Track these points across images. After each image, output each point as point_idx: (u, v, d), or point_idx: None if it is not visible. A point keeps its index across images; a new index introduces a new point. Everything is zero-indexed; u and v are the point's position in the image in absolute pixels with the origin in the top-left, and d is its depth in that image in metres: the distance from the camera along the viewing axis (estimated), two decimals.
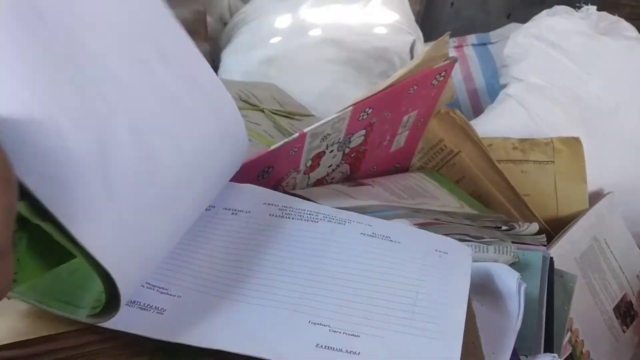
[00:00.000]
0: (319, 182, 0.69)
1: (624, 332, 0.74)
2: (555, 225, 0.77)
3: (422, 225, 0.59)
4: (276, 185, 0.62)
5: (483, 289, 0.50)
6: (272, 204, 0.51)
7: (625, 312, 0.76)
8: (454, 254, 0.48)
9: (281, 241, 0.47)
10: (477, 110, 1.16)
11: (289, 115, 0.75)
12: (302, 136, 0.58)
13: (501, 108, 0.94)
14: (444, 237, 0.51)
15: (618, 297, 0.76)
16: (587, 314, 0.70)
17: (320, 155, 0.64)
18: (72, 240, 0.32)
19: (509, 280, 0.50)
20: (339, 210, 0.52)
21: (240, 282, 0.43)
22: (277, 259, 0.46)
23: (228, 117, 0.47)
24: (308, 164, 0.64)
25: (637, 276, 0.81)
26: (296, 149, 0.60)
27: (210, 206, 0.50)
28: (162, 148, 0.39)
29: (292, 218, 0.50)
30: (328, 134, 0.62)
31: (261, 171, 0.58)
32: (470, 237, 0.58)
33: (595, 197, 0.83)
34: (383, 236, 0.49)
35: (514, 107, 0.91)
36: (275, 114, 0.73)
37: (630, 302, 0.77)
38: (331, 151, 0.65)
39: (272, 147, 0.56)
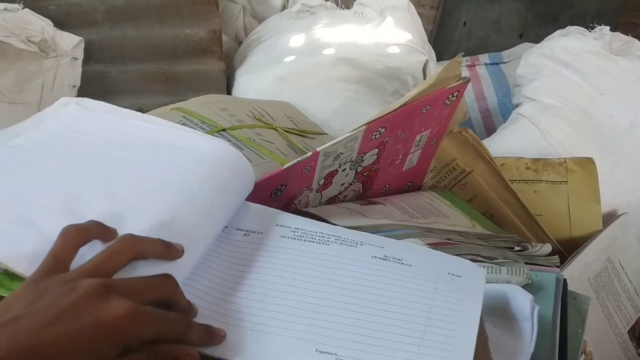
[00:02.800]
0: (332, 200, 0.69)
1: (639, 355, 0.73)
2: (568, 246, 0.77)
3: (434, 245, 0.59)
4: (289, 203, 0.63)
5: (496, 311, 0.49)
6: (284, 226, 0.51)
7: None
8: (467, 277, 0.47)
9: (292, 264, 0.47)
10: (490, 129, 1.16)
11: (302, 134, 0.76)
12: (315, 155, 0.59)
13: (514, 127, 0.93)
14: (458, 258, 0.50)
15: (633, 319, 0.75)
16: (601, 336, 0.69)
17: (333, 174, 0.65)
18: None
19: (522, 302, 0.49)
20: (351, 231, 0.52)
21: (247, 307, 0.43)
22: (287, 282, 0.46)
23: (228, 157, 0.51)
24: (321, 182, 0.64)
25: None
26: (309, 168, 0.60)
27: (224, 226, 0.51)
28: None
29: (304, 240, 0.50)
30: (341, 153, 0.62)
31: (274, 189, 0.58)
32: (482, 257, 0.58)
33: (609, 218, 0.83)
34: (394, 259, 0.48)
35: (527, 127, 0.91)
36: (288, 132, 0.73)
37: None
38: (344, 170, 0.65)
39: (285, 166, 0.57)
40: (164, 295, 0.37)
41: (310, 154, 0.58)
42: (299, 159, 0.57)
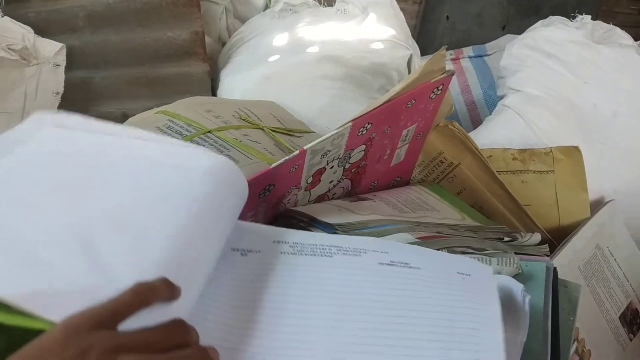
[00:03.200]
0: (321, 198, 0.69)
1: (630, 340, 0.74)
2: (557, 235, 0.77)
3: (424, 239, 0.59)
4: (277, 203, 0.63)
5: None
6: (282, 241, 0.50)
7: (631, 320, 0.75)
8: (476, 275, 0.47)
9: (297, 281, 0.45)
10: (476, 121, 1.17)
11: (288, 133, 0.76)
12: (302, 153, 0.59)
13: (499, 119, 0.94)
14: (464, 258, 0.50)
15: (624, 305, 0.75)
16: (593, 323, 0.70)
17: (321, 172, 0.65)
18: None
19: (512, 292, 0.49)
20: (351, 238, 0.51)
21: (256, 331, 0.41)
22: (296, 301, 0.44)
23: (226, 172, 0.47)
24: (309, 181, 0.64)
25: None
26: (297, 166, 0.60)
27: None
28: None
29: (305, 254, 0.48)
30: (328, 150, 0.62)
31: (263, 189, 0.58)
32: (472, 249, 0.58)
33: (596, 206, 0.83)
34: (402, 263, 0.47)
35: (512, 118, 0.91)
36: (275, 131, 0.73)
37: (636, 309, 0.77)
38: (332, 167, 0.65)
39: (273, 165, 0.57)
40: (178, 343, 0.36)
41: (297, 152, 0.58)
42: (287, 157, 0.57)
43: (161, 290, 0.36)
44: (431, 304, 0.43)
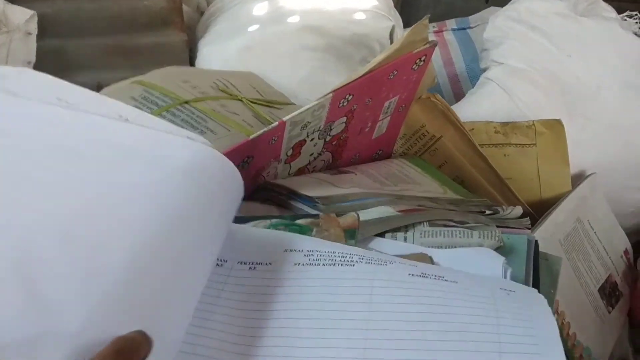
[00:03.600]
0: (301, 171, 0.68)
1: (609, 312, 0.75)
2: (538, 209, 0.77)
3: (405, 212, 0.58)
4: (257, 175, 0.61)
5: (467, 275, 0.49)
6: (295, 250, 0.43)
7: (610, 292, 0.76)
8: (522, 292, 0.42)
9: (317, 296, 0.39)
10: (459, 95, 1.16)
11: (268, 104, 0.74)
12: (282, 125, 0.57)
13: (482, 92, 0.93)
14: (505, 280, 0.44)
15: (603, 278, 0.76)
16: (573, 296, 0.70)
17: (301, 144, 0.63)
18: None
19: (494, 264, 0.49)
20: (370, 251, 0.45)
21: (277, 357, 0.36)
22: (320, 317, 0.38)
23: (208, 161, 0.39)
24: (289, 153, 0.63)
25: (621, 257, 0.81)
26: (276, 138, 0.58)
27: (221, 260, 0.42)
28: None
29: (322, 264, 0.42)
30: (308, 122, 0.61)
31: (241, 161, 0.57)
32: (454, 222, 0.58)
33: (578, 179, 0.83)
34: (435, 276, 0.41)
35: (495, 91, 0.90)
36: (254, 103, 0.72)
37: (615, 282, 0.78)
38: (312, 139, 0.64)
39: (252, 137, 0.55)
40: None
41: (276, 123, 0.57)
42: (266, 129, 0.56)
43: (144, 346, 0.29)
44: (475, 322, 0.37)
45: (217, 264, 0.41)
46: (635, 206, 0.86)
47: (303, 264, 0.42)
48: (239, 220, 0.49)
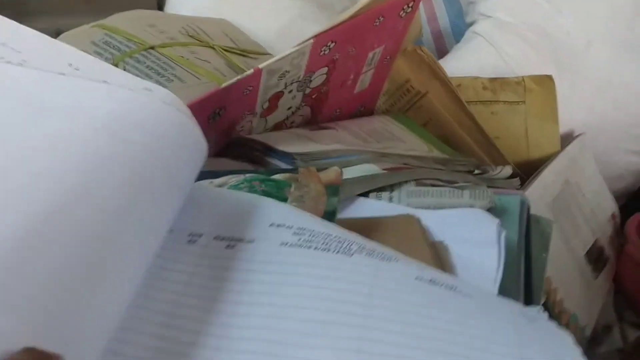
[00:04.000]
0: (278, 126, 0.63)
1: (595, 278, 0.72)
2: (525, 169, 0.74)
3: (390, 170, 0.54)
4: (229, 129, 0.56)
5: (459, 238, 0.45)
6: (282, 225, 0.36)
7: (597, 258, 0.73)
8: (545, 322, 0.35)
9: (305, 290, 0.32)
10: (442, 52, 1.11)
11: (242, 53, 0.69)
12: (257, 73, 0.52)
13: (468, 47, 0.88)
14: (521, 306, 0.37)
15: (590, 242, 0.73)
16: (560, 260, 0.67)
17: (278, 96, 0.58)
18: None
19: (487, 227, 0.45)
20: (370, 241, 0.38)
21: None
22: (306, 320, 0.31)
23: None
24: (265, 106, 0.58)
25: (609, 220, 0.79)
26: (251, 88, 0.53)
27: (194, 235, 0.35)
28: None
29: (315, 248, 0.34)
30: (286, 71, 0.56)
31: (212, 113, 0.52)
32: (442, 181, 0.54)
33: (566, 140, 0.80)
34: (447, 285, 0.34)
35: (482, 46, 0.86)
36: (227, 51, 0.66)
37: (602, 247, 0.75)
38: (290, 91, 0.59)
39: (224, 85, 0.50)
40: None
41: (251, 71, 0.51)
42: (239, 77, 0.51)
43: None
44: (493, 350, 0.31)
45: (190, 240, 0.34)
46: (624, 168, 0.83)
47: (291, 245, 0.34)
48: (209, 175, 0.45)
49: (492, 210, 0.50)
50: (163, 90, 0.35)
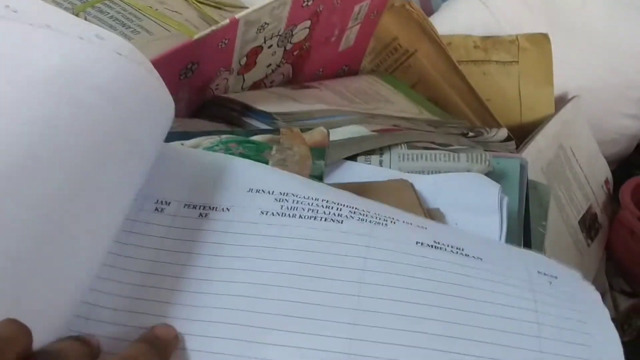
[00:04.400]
0: (257, 86, 0.58)
1: (588, 245, 0.70)
2: (518, 133, 0.70)
3: (380, 132, 0.50)
4: (204, 87, 0.52)
5: (457, 205, 0.41)
6: (262, 191, 0.32)
7: (590, 225, 0.70)
8: (566, 279, 0.32)
9: (289, 266, 0.29)
10: (428, 11, 1.06)
11: (217, 5, 0.63)
12: (234, 23, 0.47)
13: (458, 4, 0.84)
14: (540, 256, 0.35)
15: (584, 209, 0.70)
16: (554, 228, 0.64)
17: (256, 52, 0.53)
18: None
19: (488, 193, 0.42)
20: (365, 200, 0.34)
21: (239, 340, 0.26)
22: (292, 304, 0.27)
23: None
24: (242, 62, 0.53)
25: (602, 187, 0.76)
26: (227, 41, 0.48)
27: (161, 202, 0.31)
28: None
29: (300, 216, 0.31)
30: (266, 24, 0.50)
31: (184, 67, 0.47)
32: (436, 144, 0.50)
33: (560, 102, 0.76)
34: (452, 247, 0.31)
35: (473, 3, 0.81)
36: (200, 2, 0.60)
37: (595, 214, 0.72)
38: (270, 46, 0.54)
39: (197, 36, 0.45)
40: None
41: (227, 21, 0.46)
42: (213, 27, 0.46)
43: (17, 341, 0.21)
44: (507, 315, 0.28)
45: (157, 209, 0.31)
46: (618, 133, 0.80)
47: (273, 213, 0.31)
48: (180, 136, 0.40)
49: (490, 175, 0.47)
50: (117, 38, 0.30)
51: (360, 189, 0.40)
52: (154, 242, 0.29)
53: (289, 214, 0.31)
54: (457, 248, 0.31)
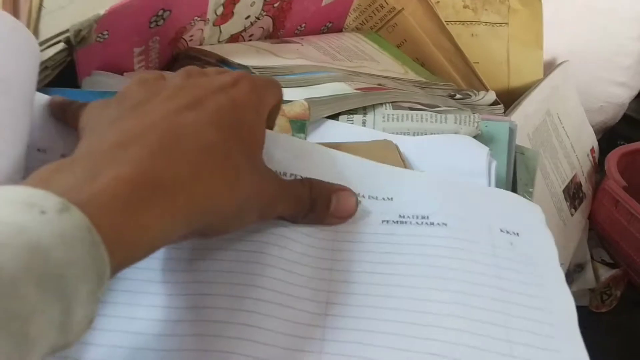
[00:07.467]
0: (234, 39, 0.55)
1: (572, 215, 0.68)
2: (504, 98, 0.67)
3: (364, 90, 0.47)
4: (176, 38, 0.48)
5: (442, 168, 0.39)
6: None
7: (574, 194, 0.69)
8: (528, 235, 0.32)
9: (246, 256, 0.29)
10: None
11: None
12: None
13: None
14: (507, 202, 0.34)
15: (568, 177, 0.69)
16: (538, 196, 0.62)
17: (234, 1, 0.50)
18: None
19: (476, 156, 0.39)
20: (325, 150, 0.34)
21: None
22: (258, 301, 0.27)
23: None
24: (218, 12, 0.49)
25: (588, 155, 0.74)
26: None
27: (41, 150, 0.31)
28: None
29: None
30: None
31: (154, 15, 0.43)
32: (422, 105, 0.47)
33: (549, 67, 0.74)
34: (416, 218, 0.32)
35: None
36: None
37: (580, 183, 0.71)
38: None
39: None
40: None
41: None
42: None
43: None
44: (474, 281, 0.29)
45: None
46: (605, 101, 0.78)
47: None
48: None
49: (478, 138, 0.44)
50: None
51: (342, 150, 0.38)
52: None
53: None
54: (421, 217, 0.32)
